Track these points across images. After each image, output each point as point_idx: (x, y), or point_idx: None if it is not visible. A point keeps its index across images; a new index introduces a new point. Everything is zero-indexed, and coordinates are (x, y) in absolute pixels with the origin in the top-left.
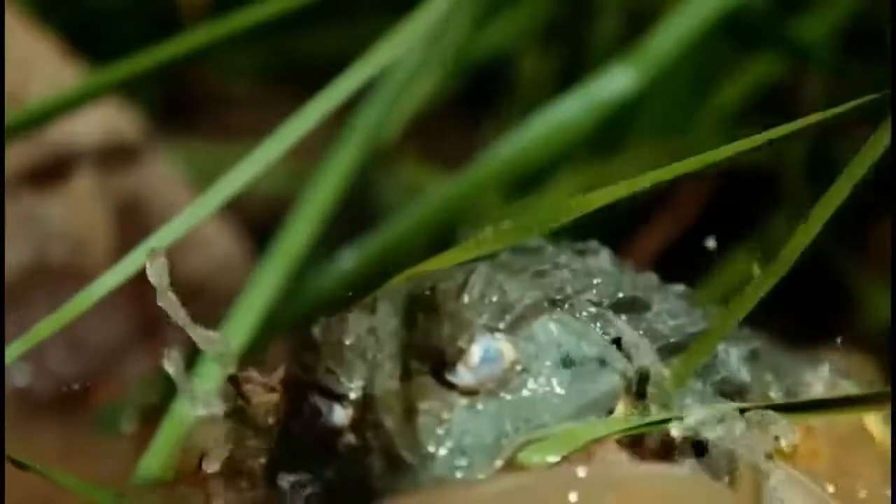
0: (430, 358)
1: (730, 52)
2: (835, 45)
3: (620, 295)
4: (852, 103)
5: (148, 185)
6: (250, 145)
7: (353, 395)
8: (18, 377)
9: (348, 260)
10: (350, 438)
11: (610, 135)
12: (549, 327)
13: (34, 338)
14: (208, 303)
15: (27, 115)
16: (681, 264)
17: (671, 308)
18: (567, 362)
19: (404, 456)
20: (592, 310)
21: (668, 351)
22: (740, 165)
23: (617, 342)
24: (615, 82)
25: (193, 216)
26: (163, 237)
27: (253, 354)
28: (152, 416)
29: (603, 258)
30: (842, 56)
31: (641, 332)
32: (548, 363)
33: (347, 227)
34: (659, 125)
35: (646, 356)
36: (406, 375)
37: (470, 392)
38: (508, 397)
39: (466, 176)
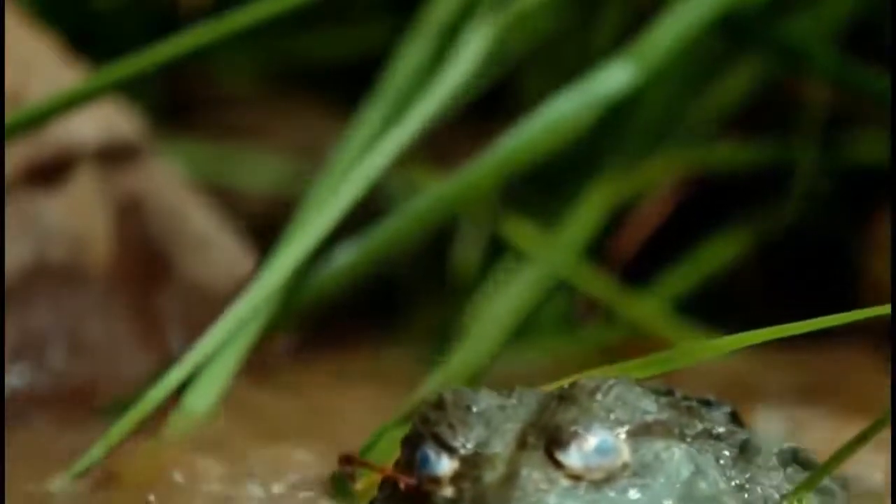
0: (547, 434)
1: (727, 50)
2: (832, 43)
3: (731, 453)
4: None
5: (148, 185)
6: (250, 145)
7: (463, 451)
8: (18, 377)
9: (346, 256)
10: (448, 491)
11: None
12: (672, 450)
13: (84, 464)
14: (210, 304)
15: (27, 115)
16: (658, 254)
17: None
18: (679, 488)
19: None
20: (726, 453)
21: None
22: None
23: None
24: (614, 78)
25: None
26: (230, 318)
27: (255, 353)
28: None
29: (725, 411)
30: (839, 55)
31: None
32: (661, 480)
33: (354, 225)
34: (657, 121)
35: None
36: (520, 446)
37: (575, 476)
38: (610, 493)
39: (466, 171)
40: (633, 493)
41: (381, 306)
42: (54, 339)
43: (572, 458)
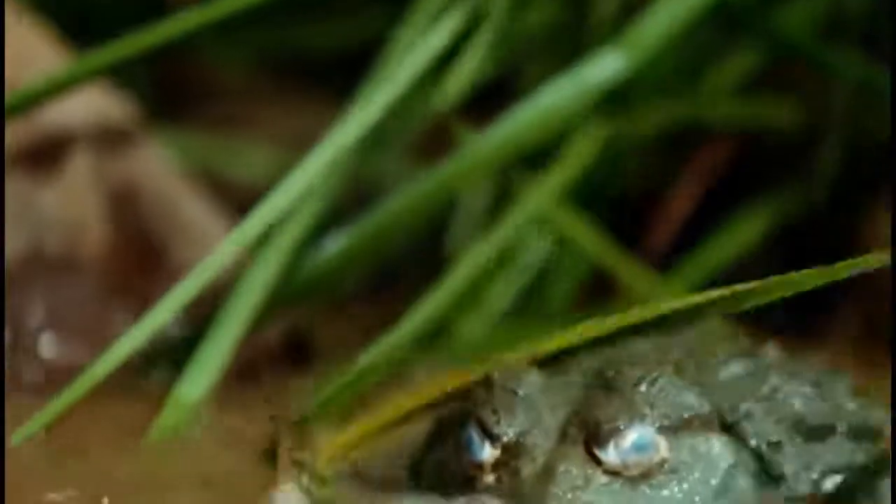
0: (587, 428)
1: (720, 39)
2: (819, 33)
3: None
4: None
5: (141, 173)
6: (243, 135)
7: (505, 439)
8: (12, 366)
9: (336, 243)
10: (490, 479)
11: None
12: (712, 442)
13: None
14: (206, 298)
15: (15, 100)
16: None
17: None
18: (715, 484)
19: None
20: (773, 438)
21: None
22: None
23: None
24: (605, 66)
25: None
26: (198, 276)
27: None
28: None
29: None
30: (825, 45)
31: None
32: (697, 475)
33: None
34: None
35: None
36: (562, 438)
37: (612, 472)
38: (646, 490)
39: (457, 159)
40: (669, 490)
41: (381, 304)
42: (49, 328)
43: (610, 454)
